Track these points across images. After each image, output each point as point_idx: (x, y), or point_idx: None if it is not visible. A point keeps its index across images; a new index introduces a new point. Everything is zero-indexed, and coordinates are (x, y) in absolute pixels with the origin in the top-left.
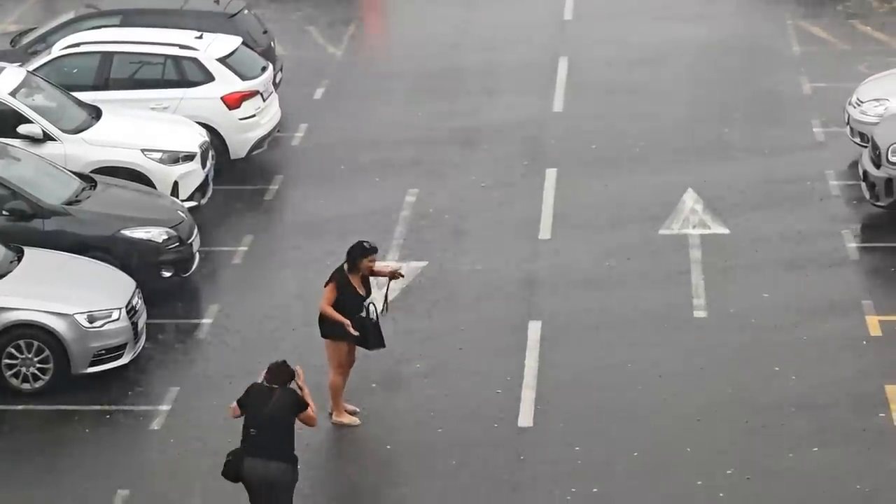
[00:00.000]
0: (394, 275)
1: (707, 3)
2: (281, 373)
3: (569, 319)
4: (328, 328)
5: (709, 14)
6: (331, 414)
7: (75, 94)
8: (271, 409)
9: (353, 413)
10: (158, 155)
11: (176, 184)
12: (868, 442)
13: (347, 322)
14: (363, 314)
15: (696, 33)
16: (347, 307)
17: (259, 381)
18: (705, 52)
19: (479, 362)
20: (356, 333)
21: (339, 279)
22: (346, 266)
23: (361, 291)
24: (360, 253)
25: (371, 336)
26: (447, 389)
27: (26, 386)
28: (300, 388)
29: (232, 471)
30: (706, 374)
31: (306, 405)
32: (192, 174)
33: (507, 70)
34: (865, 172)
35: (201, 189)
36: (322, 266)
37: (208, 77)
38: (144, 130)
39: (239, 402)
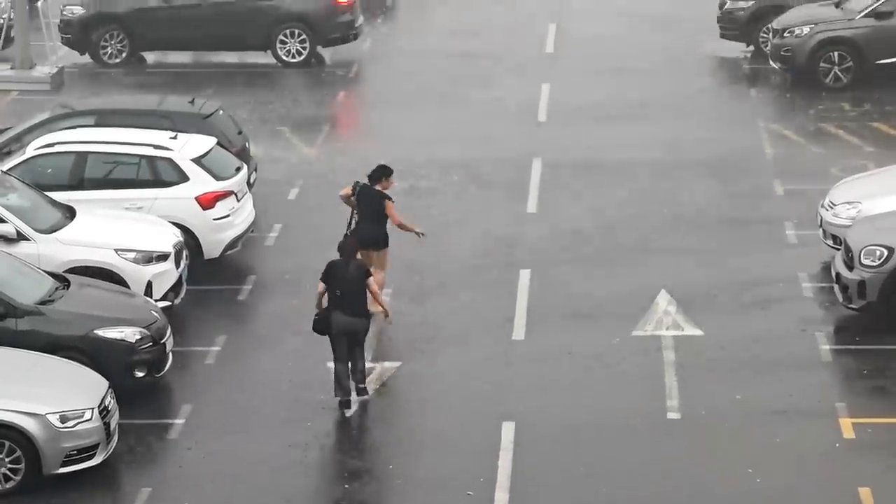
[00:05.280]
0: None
1: (679, 106)
2: (349, 245)
3: (543, 420)
4: (386, 239)
5: (681, 117)
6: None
7: (50, 193)
8: (351, 274)
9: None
10: (132, 255)
11: (149, 283)
12: None
13: (420, 230)
14: None
15: (669, 135)
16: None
17: (334, 259)
18: (678, 153)
19: (453, 463)
20: (425, 234)
21: (386, 196)
22: (370, 182)
23: None
24: (384, 173)
25: None
26: (420, 491)
27: None
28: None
29: (322, 325)
30: (679, 475)
31: (370, 273)
32: (166, 274)
33: (480, 171)
34: (838, 275)
35: (175, 289)
36: (294, 366)
37: (183, 177)
38: (118, 230)
39: (323, 279)
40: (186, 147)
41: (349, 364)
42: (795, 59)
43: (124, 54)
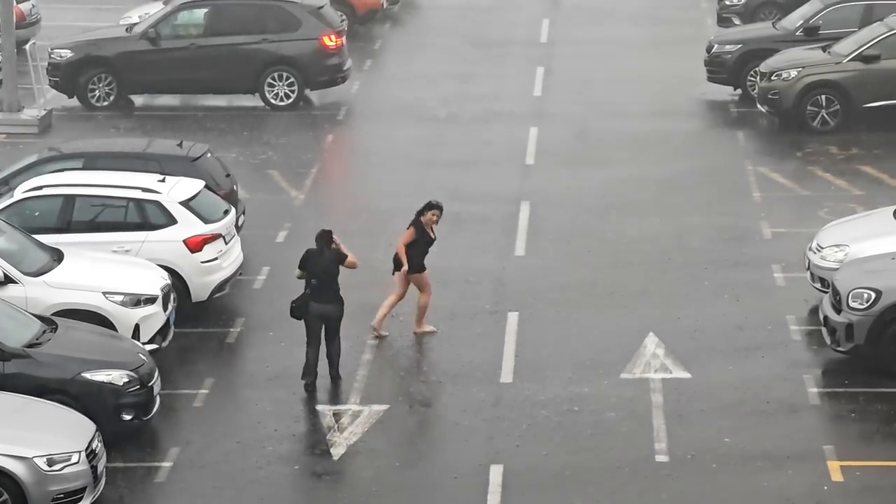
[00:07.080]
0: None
1: (667, 149)
2: (324, 235)
3: (530, 463)
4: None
5: (669, 160)
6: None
7: (38, 236)
8: (324, 264)
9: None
10: (120, 298)
11: (137, 326)
12: None
13: (405, 263)
14: None
15: (657, 178)
16: (419, 246)
17: (312, 248)
18: (665, 196)
19: None
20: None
21: (416, 225)
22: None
23: (432, 235)
24: (426, 207)
25: None
26: None
27: None
28: (338, 245)
29: (299, 312)
30: None
31: (346, 256)
32: (154, 317)
33: (469, 214)
34: (826, 318)
35: (162, 332)
36: (282, 409)
37: (170, 220)
38: (106, 273)
39: (300, 265)
40: (174, 190)
41: (323, 348)
42: (783, 103)
43: (112, 97)
